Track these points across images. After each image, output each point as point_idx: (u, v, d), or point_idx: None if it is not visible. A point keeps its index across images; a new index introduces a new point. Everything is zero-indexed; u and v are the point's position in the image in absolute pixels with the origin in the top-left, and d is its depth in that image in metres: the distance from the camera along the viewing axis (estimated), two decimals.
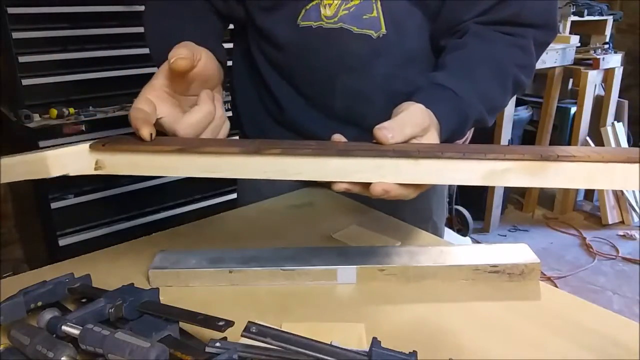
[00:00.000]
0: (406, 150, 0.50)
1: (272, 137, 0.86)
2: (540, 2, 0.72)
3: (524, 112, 2.79)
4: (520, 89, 0.74)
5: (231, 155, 0.52)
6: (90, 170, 0.54)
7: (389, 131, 0.53)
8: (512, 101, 2.57)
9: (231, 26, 0.90)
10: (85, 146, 0.54)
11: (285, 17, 0.75)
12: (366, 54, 0.75)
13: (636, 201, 2.84)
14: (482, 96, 0.67)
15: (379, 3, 0.72)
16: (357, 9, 0.72)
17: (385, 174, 0.50)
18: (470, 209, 2.68)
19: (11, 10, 1.51)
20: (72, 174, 0.54)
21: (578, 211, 3.02)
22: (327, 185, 0.53)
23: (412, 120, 0.57)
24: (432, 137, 0.59)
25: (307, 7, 0.73)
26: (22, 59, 1.55)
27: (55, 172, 0.53)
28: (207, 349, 0.41)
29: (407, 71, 0.77)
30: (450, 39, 0.74)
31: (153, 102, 0.60)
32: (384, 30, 0.73)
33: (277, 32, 0.77)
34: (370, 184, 0.51)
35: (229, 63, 0.92)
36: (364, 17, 0.73)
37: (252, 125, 0.90)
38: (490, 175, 0.49)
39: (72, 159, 0.54)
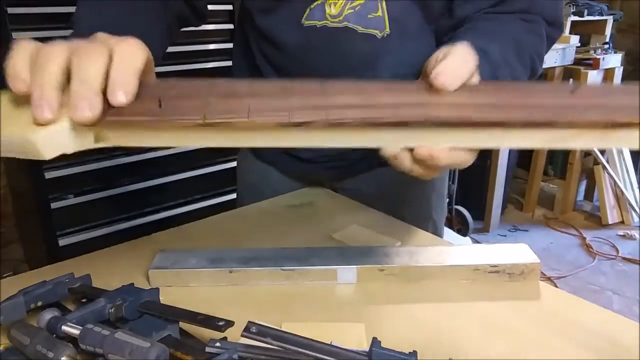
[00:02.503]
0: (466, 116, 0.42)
1: None
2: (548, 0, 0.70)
3: None
4: (533, 77, 0.70)
5: (266, 129, 0.41)
6: (90, 145, 0.45)
7: (447, 77, 0.44)
8: None
9: (231, 26, 0.90)
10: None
11: (289, 17, 0.74)
12: (370, 55, 0.74)
13: (636, 201, 2.83)
14: (508, 66, 0.62)
15: (383, 2, 0.71)
16: (362, 8, 0.71)
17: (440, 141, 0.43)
18: (470, 209, 2.68)
19: (11, 10, 1.51)
20: (70, 152, 0.45)
21: (578, 211, 3.02)
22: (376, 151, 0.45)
23: (465, 62, 0.47)
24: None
25: (312, 6, 0.73)
26: None
27: (50, 154, 0.43)
28: (207, 349, 0.41)
29: (409, 74, 0.77)
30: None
31: None
32: (387, 30, 0.73)
33: (280, 32, 0.76)
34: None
35: (229, 62, 0.92)
36: (369, 16, 0.72)
37: None
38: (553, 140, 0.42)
39: (65, 137, 0.43)
